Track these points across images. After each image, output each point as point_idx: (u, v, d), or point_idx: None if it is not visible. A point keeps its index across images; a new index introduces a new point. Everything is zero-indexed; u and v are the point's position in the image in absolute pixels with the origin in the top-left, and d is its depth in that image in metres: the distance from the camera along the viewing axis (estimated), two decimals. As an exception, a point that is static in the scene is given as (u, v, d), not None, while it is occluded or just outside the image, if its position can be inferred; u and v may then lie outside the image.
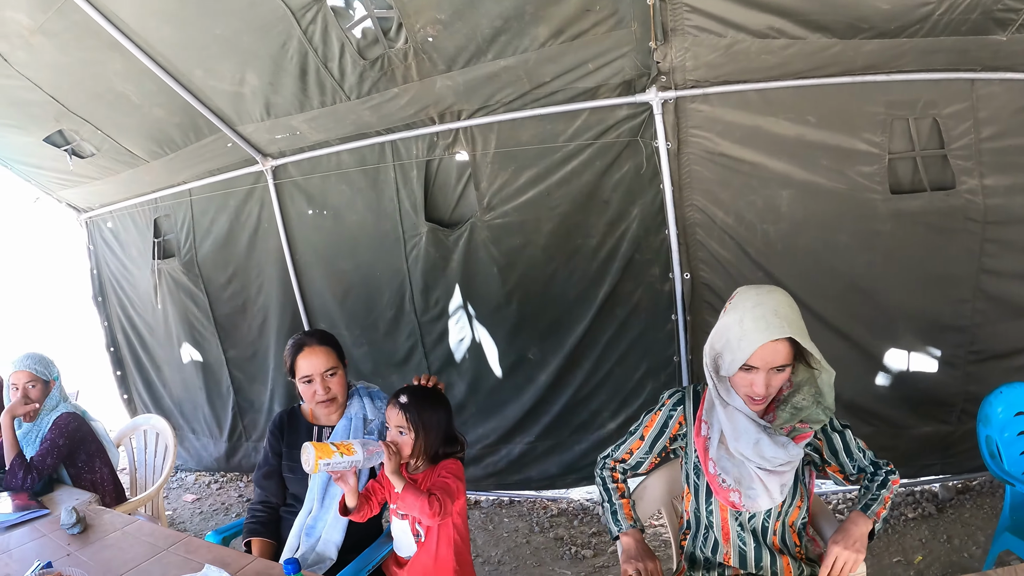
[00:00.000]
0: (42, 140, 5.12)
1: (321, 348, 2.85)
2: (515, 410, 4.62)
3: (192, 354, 6.03)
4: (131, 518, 2.95)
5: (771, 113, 3.51)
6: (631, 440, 2.45)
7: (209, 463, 6.43)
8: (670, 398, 2.39)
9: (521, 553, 4.35)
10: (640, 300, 4.08)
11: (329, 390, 2.82)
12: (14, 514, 2.96)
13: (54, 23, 3.76)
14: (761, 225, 3.72)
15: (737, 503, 2.15)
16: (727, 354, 2.06)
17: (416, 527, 2.57)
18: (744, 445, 2.12)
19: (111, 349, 6.85)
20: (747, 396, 2.10)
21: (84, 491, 3.40)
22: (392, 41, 3.55)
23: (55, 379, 3.62)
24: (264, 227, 5.14)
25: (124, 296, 6.50)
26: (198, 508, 5.83)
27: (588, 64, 3.50)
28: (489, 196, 4.17)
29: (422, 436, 2.50)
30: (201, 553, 2.47)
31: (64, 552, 2.57)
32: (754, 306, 2.04)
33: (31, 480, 3.28)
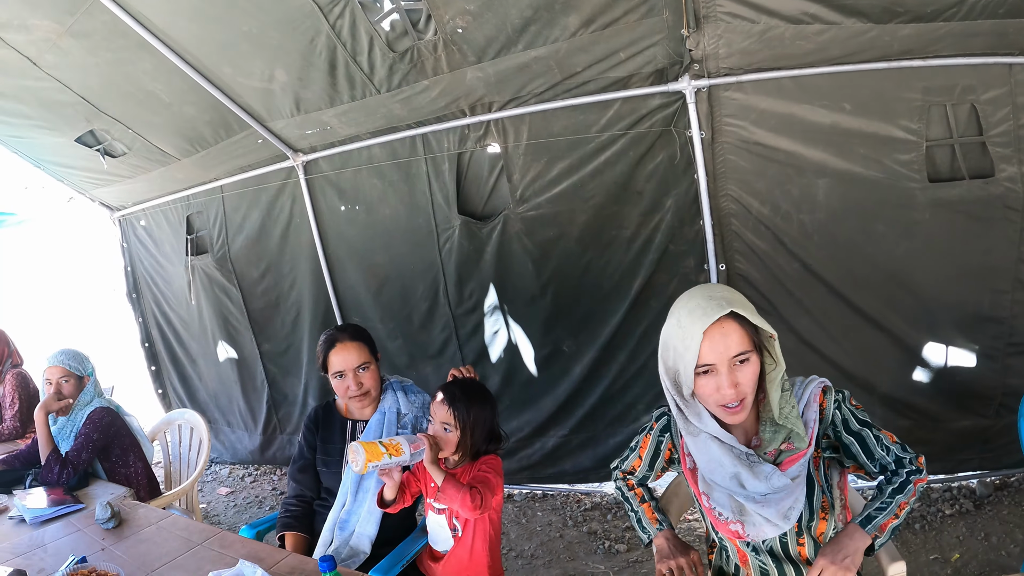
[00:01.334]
0: (74, 140, 5.19)
1: (353, 343, 2.86)
2: (549, 403, 4.61)
3: (227, 349, 6.11)
4: (165, 512, 2.98)
5: (806, 100, 3.44)
6: (632, 456, 2.38)
7: (244, 456, 6.51)
8: (656, 421, 2.27)
9: (555, 547, 4.34)
10: (675, 292, 3.92)
11: (361, 385, 2.84)
12: (49, 508, 2.98)
13: (82, 25, 3.79)
14: (797, 215, 3.65)
15: (741, 534, 1.97)
16: (679, 363, 1.88)
17: (453, 521, 2.58)
18: (721, 478, 1.97)
19: (146, 345, 6.95)
20: (721, 408, 1.89)
21: (118, 485, 3.43)
22: (421, 33, 3.53)
23: (89, 375, 3.66)
24: (296, 222, 5.17)
25: (158, 292, 6.59)
26: (232, 501, 5.89)
27: (620, 53, 3.46)
28: (522, 188, 4.15)
29: (468, 433, 2.52)
30: (235, 548, 2.48)
31: (99, 547, 2.59)
32: (686, 302, 1.90)
33: (66, 475, 3.31)
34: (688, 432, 2.01)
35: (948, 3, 2.83)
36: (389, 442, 2.34)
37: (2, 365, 4.95)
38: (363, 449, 2.26)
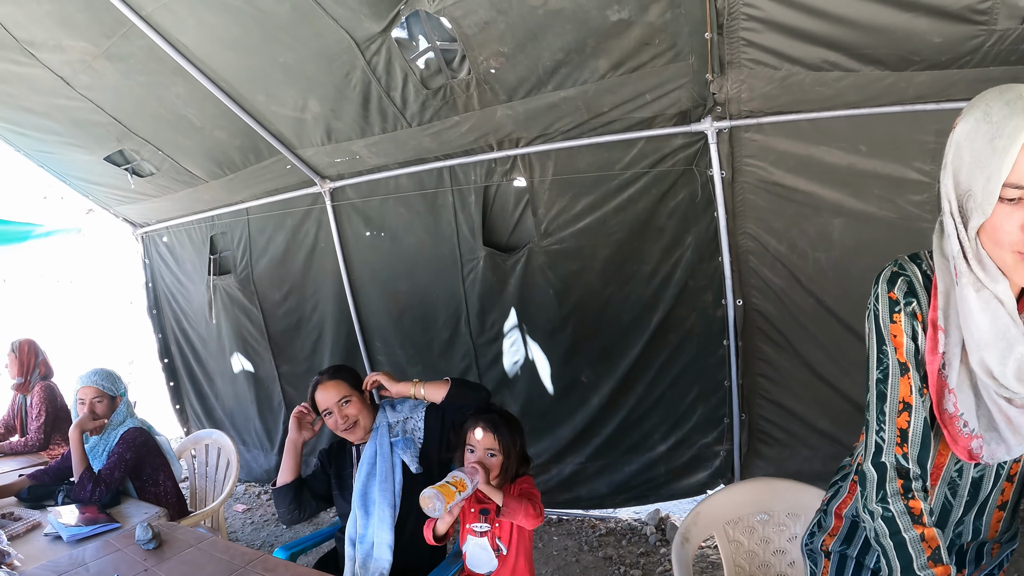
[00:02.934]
0: (103, 159, 5.30)
1: (331, 382, 3.02)
2: (567, 431, 4.65)
3: (245, 368, 6.16)
4: (205, 534, 3.02)
5: (823, 142, 3.50)
6: (892, 392, 1.55)
7: (259, 475, 6.54)
8: (891, 287, 1.56)
9: (571, 571, 4.40)
10: (693, 326, 4.10)
11: (348, 418, 2.97)
12: (86, 527, 3.05)
13: (119, 48, 3.89)
14: (813, 253, 3.71)
15: (977, 454, 1.46)
16: (975, 176, 1.32)
17: (496, 542, 2.66)
18: (994, 356, 1.37)
19: (165, 360, 7.04)
20: (1015, 254, 1.31)
21: (150, 504, 3.52)
22: (455, 72, 3.62)
23: (122, 395, 3.74)
24: (321, 247, 5.24)
25: (178, 309, 6.68)
26: (249, 519, 5.94)
27: (646, 95, 3.53)
28: (546, 222, 4.22)
29: (510, 456, 2.65)
30: (279, 572, 2.53)
31: (141, 567, 2.62)
32: (1000, 92, 1.31)
33: (99, 493, 3.39)
34: (973, 284, 1.38)
35: (962, 52, 2.88)
36: (454, 479, 2.43)
37: (31, 375, 5.04)
38: (441, 495, 2.35)
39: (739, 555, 2.68)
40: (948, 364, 1.46)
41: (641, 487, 4.61)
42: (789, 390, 4.04)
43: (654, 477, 4.54)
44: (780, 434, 4.15)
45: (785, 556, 2.65)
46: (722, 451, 4.30)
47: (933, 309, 1.49)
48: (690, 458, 4.40)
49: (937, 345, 1.47)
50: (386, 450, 2.93)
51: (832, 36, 2.94)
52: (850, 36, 2.92)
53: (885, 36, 2.88)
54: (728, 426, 4.22)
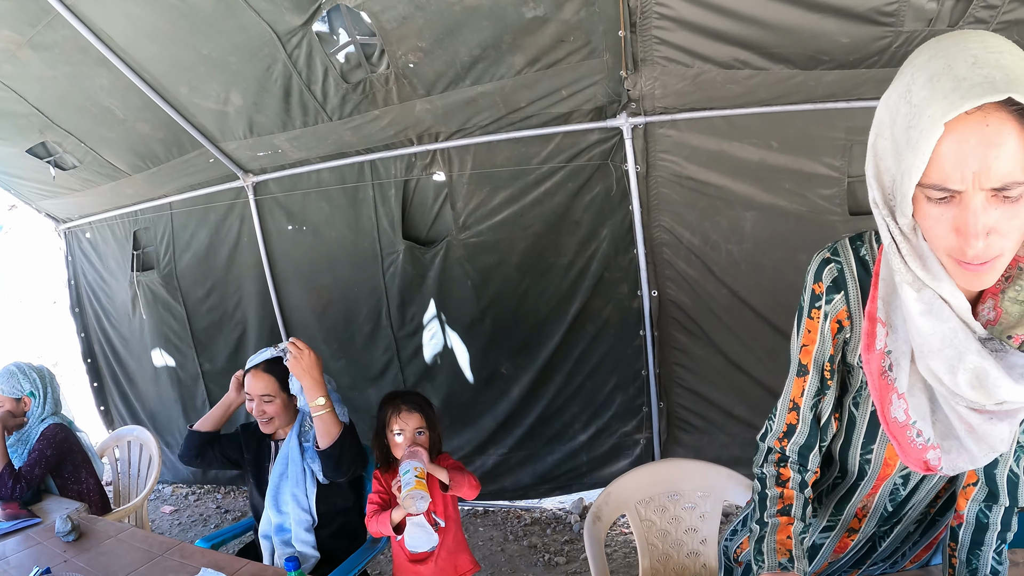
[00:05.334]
0: (25, 151, 5.18)
1: (263, 375, 2.98)
2: (489, 422, 4.71)
3: (168, 367, 6.07)
4: (124, 525, 3.03)
5: (736, 138, 3.60)
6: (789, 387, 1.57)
7: (185, 476, 6.47)
8: (818, 278, 1.44)
9: (496, 561, 4.45)
10: (609, 316, 4.18)
11: (264, 413, 2.97)
12: (6, 523, 3.02)
13: (43, 37, 3.84)
14: (726, 245, 3.81)
15: (935, 465, 1.29)
16: (893, 167, 1.14)
17: (433, 516, 2.71)
18: (941, 365, 1.18)
19: (88, 360, 6.90)
20: (955, 263, 1.11)
21: (71, 500, 3.47)
22: (374, 66, 3.65)
23: (29, 395, 3.65)
24: (244, 242, 5.21)
25: (100, 308, 6.55)
26: (176, 519, 5.88)
27: (562, 91, 3.61)
28: (465, 215, 4.27)
29: (435, 430, 2.74)
30: (196, 558, 2.52)
31: (61, 559, 2.61)
32: (931, 56, 1.07)
33: (19, 489, 3.33)
34: (911, 282, 1.19)
35: (870, 52, 2.98)
36: (417, 471, 2.48)
37: None
38: (419, 491, 2.41)
39: (652, 534, 2.72)
40: (895, 365, 1.28)
41: (564, 476, 4.69)
42: (705, 378, 4.15)
43: (576, 466, 4.62)
44: (698, 421, 4.27)
45: (697, 534, 2.70)
46: (642, 439, 4.39)
47: (872, 300, 1.30)
48: (611, 447, 4.49)
49: (874, 342, 1.30)
50: (297, 454, 2.93)
51: (742, 35, 3.04)
52: (759, 35, 3.02)
53: (794, 36, 2.98)
54: (647, 414, 4.32)
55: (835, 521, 1.63)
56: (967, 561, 1.45)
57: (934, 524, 1.66)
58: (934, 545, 1.71)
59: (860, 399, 1.47)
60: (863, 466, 1.52)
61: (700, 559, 2.69)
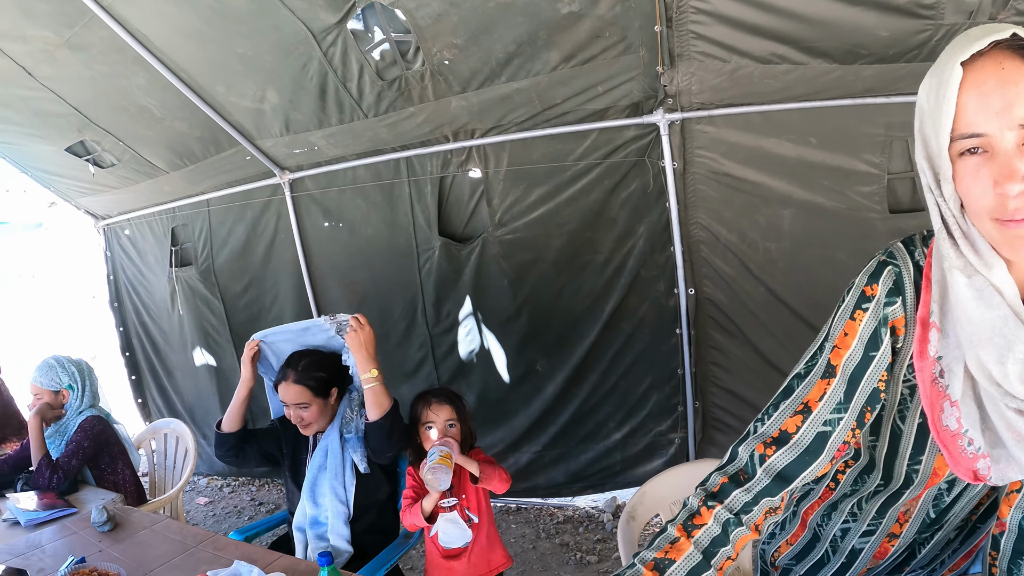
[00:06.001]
0: (64, 149, 5.27)
1: (295, 386, 2.96)
2: (523, 420, 4.70)
3: (206, 361, 6.15)
4: (159, 516, 3.07)
5: (774, 134, 3.54)
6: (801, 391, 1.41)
7: (220, 468, 6.54)
8: (874, 280, 1.33)
9: (528, 558, 4.44)
10: (646, 315, 4.15)
11: (302, 419, 2.96)
12: (43, 512, 3.06)
13: (80, 38, 3.89)
14: (763, 243, 3.76)
15: (984, 475, 1.22)
16: (931, 136, 1.14)
17: (466, 513, 2.72)
18: (991, 355, 1.13)
19: (126, 354, 7.01)
20: (995, 222, 1.07)
21: (108, 491, 3.53)
22: (409, 63, 3.66)
23: (67, 388, 3.71)
24: (280, 238, 5.26)
25: (139, 302, 6.65)
26: (211, 511, 5.95)
27: (598, 87, 3.59)
28: (501, 212, 4.26)
29: (466, 424, 2.76)
30: (229, 550, 2.55)
31: (96, 548, 2.65)
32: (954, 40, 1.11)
33: (57, 480, 3.39)
34: (952, 269, 1.17)
35: (909, 46, 2.92)
36: (442, 452, 2.53)
37: None
38: (443, 466, 2.46)
39: (685, 535, 2.72)
40: (948, 371, 1.21)
41: (597, 475, 4.67)
42: (741, 378, 4.10)
43: (610, 465, 4.60)
44: (733, 421, 4.21)
45: (732, 536, 2.69)
46: (677, 439, 4.36)
47: (924, 305, 1.25)
48: (645, 446, 4.46)
49: (927, 348, 1.23)
50: (337, 445, 2.94)
51: (780, 29, 2.99)
52: (797, 29, 2.97)
53: (832, 30, 2.93)
54: (682, 414, 4.28)
55: (876, 525, 1.51)
56: (1008, 571, 1.36)
57: (975, 531, 1.54)
58: (974, 553, 1.63)
59: (907, 411, 1.35)
60: (910, 475, 1.39)
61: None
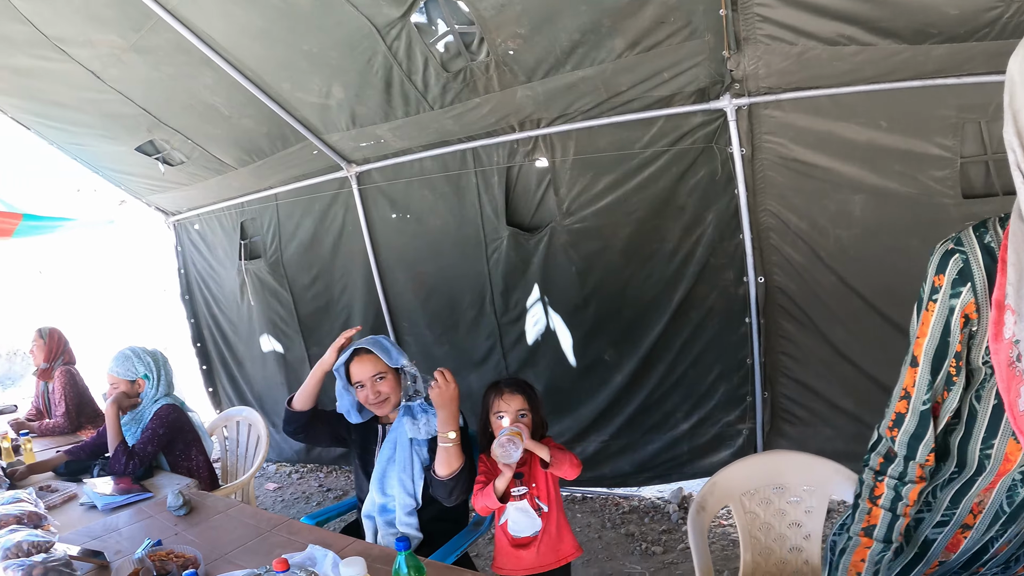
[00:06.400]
0: (134, 149, 5.43)
1: (368, 356, 2.97)
2: (590, 409, 4.69)
3: (275, 351, 6.28)
4: (232, 501, 3.15)
5: (843, 118, 3.46)
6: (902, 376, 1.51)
7: (289, 455, 6.70)
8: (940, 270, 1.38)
9: (593, 548, 4.44)
10: (714, 304, 4.10)
11: (379, 394, 2.95)
12: (120, 496, 3.14)
13: (146, 41, 4.00)
14: (834, 230, 3.68)
15: None
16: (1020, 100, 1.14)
17: (536, 501, 2.72)
18: None
19: (197, 345, 7.20)
20: None
21: (182, 476, 3.62)
22: (474, 54, 3.66)
23: (143, 377, 3.80)
24: (348, 230, 5.33)
25: (210, 295, 6.83)
26: (280, 496, 6.09)
27: (663, 73, 3.54)
28: (568, 201, 4.25)
29: (537, 414, 2.75)
30: (303, 535, 2.59)
31: (172, 531, 2.71)
32: None
33: (133, 466, 3.48)
34: None
35: (980, 24, 2.83)
36: (511, 431, 2.54)
37: (54, 362, 5.18)
38: (514, 438, 2.49)
39: (755, 527, 2.69)
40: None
41: (664, 465, 4.64)
42: (811, 368, 4.03)
43: (677, 455, 4.57)
44: (802, 412, 4.15)
45: (801, 529, 2.65)
46: (744, 429, 4.31)
47: (999, 287, 1.23)
48: (712, 436, 4.42)
49: (1002, 330, 1.22)
50: (406, 440, 2.95)
51: (847, 9, 2.92)
52: (865, 9, 2.89)
53: (900, 9, 2.85)
54: (750, 404, 4.23)
55: (949, 515, 1.53)
56: None
57: None
58: None
59: (983, 392, 1.39)
60: (982, 460, 1.42)
61: (802, 555, 2.64)
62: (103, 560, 2.41)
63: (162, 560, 2.29)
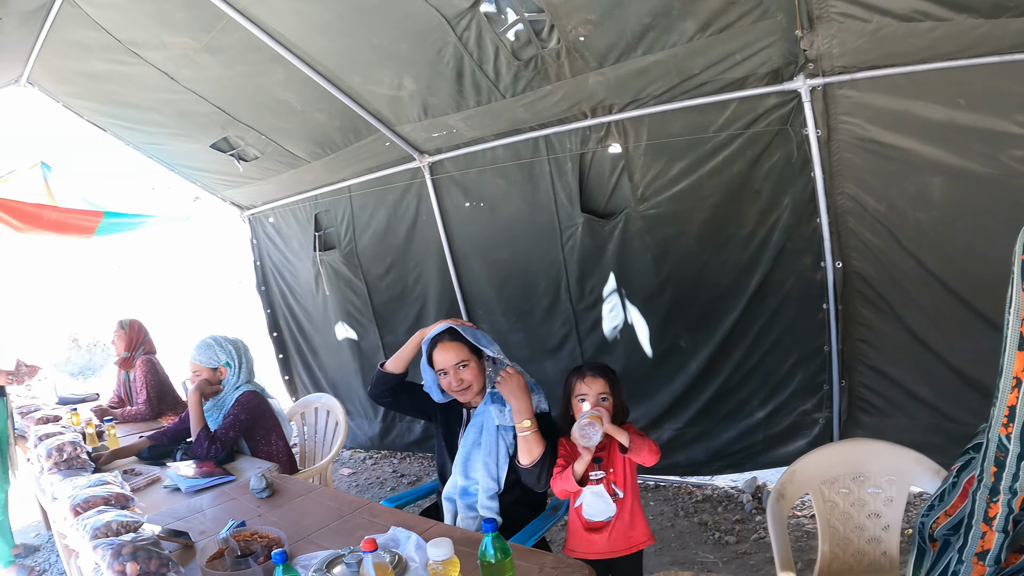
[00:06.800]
0: (208, 146, 5.58)
1: (452, 343, 2.98)
2: (665, 397, 4.66)
3: (349, 339, 6.40)
4: (314, 484, 3.21)
5: (920, 97, 3.33)
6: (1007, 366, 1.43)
7: (363, 442, 6.83)
8: None
9: (666, 536, 4.42)
10: (791, 289, 4.03)
11: (463, 381, 2.96)
12: (203, 479, 3.25)
13: (218, 41, 4.11)
14: (913, 213, 3.56)
15: None
16: None
17: (612, 486, 2.72)
18: None
19: (274, 334, 7.40)
20: None
21: (262, 460, 3.72)
22: (545, 42, 3.65)
23: (225, 365, 3.91)
24: (422, 220, 5.40)
25: (285, 286, 6.99)
26: (354, 482, 6.22)
27: (736, 55, 3.48)
28: (643, 187, 4.21)
29: (618, 398, 2.75)
30: (385, 517, 2.62)
31: (255, 513, 2.78)
32: None
33: (215, 450, 3.60)
34: None
35: None
36: (591, 414, 2.53)
37: (135, 351, 5.37)
38: (595, 421, 2.48)
39: (834, 516, 2.65)
40: None
41: (738, 454, 4.60)
42: (890, 356, 3.93)
43: (752, 444, 4.52)
44: (880, 402, 4.06)
45: (880, 520, 2.61)
46: (821, 418, 4.24)
47: None
48: (788, 425, 4.36)
49: None
50: (492, 425, 2.96)
51: (921, -17, 2.82)
52: (940, -18, 2.80)
53: (976, -19, 2.75)
54: (827, 393, 4.15)
55: None
56: None
57: None
58: None
59: None
60: None
61: (881, 546, 2.60)
62: (188, 540, 2.49)
63: (246, 540, 2.35)
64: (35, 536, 5.42)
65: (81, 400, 5.82)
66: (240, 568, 2.19)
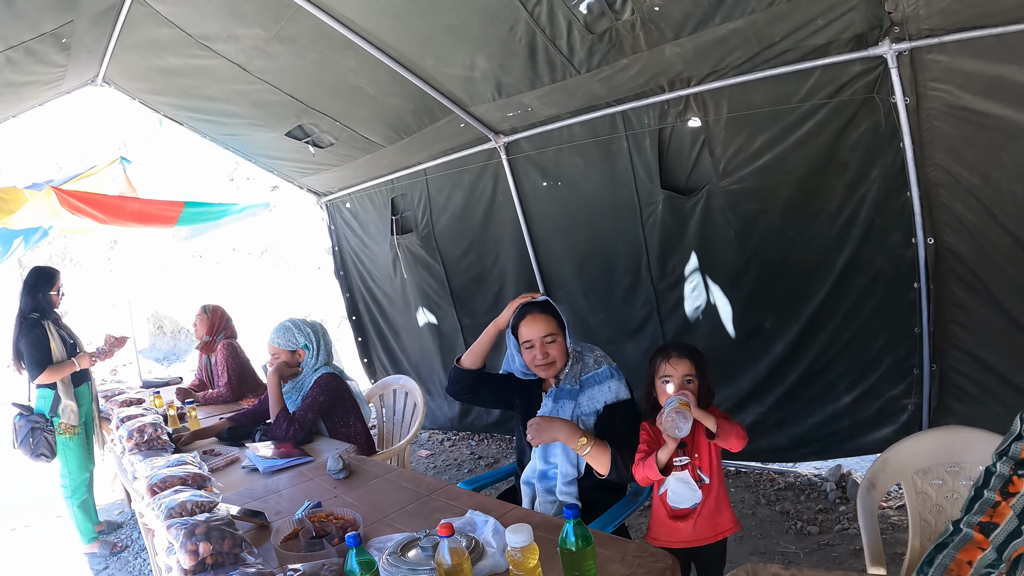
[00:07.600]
0: (283, 135, 5.66)
1: (541, 316, 2.94)
2: (749, 380, 4.53)
3: (429, 321, 6.46)
4: (392, 466, 3.23)
5: (1013, 60, 3.05)
6: None
7: (443, 423, 6.89)
8: None
9: (747, 524, 4.33)
10: (881, 267, 3.83)
11: (548, 355, 2.91)
12: (281, 460, 3.31)
13: (288, 31, 4.15)
14: (1009, 185, 3.27)
15: None
16: None
17: (697, 472, 2.64)
18: None
19: (352, 318, 7.54)
20: None
21: (340, 442, 3.77)
22: (618, 14, 3.54)
23: (303, 347, 3.98)
24: (499, 200, 5.38)
25: (363, 270, 7.10)
26: (431, 463, 6.30)
27: (818, 20, 3.32)
28: (724, 162, 4.08)
29: (705, 380, 2.66)
30: (463, 500, 2.62)
31: (331, 494, 2.82)
32: None
33: (293, 431, 3.66)
34: None
35: None
36: (680, 402, 2.44)
37: (216, 335, 5.53)
38: (684, 411, 2.40)
39: (925, 509, 2.52)
40: None
41: (823, 441, 4.41)
42: (984, 340, 3.67)
43: (837, 430, 4.33)
44: (973, 388, 3.79)
45: (975, 514, 2.49)
46: (910, 405, 4.01)
47: None
48: (876, 411, 4.15)
49: None
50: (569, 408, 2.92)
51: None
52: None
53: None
54: (917, 377, 3.92)
55: None
56: None
57: None
58: None
59: None
60: None
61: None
62: (263, 520, 2.54)
63: (321, 521, 2.38)
64: (119, 514, 5.70)
65: (164, 384, 6.07)
66: (314, 549, 2.21)
